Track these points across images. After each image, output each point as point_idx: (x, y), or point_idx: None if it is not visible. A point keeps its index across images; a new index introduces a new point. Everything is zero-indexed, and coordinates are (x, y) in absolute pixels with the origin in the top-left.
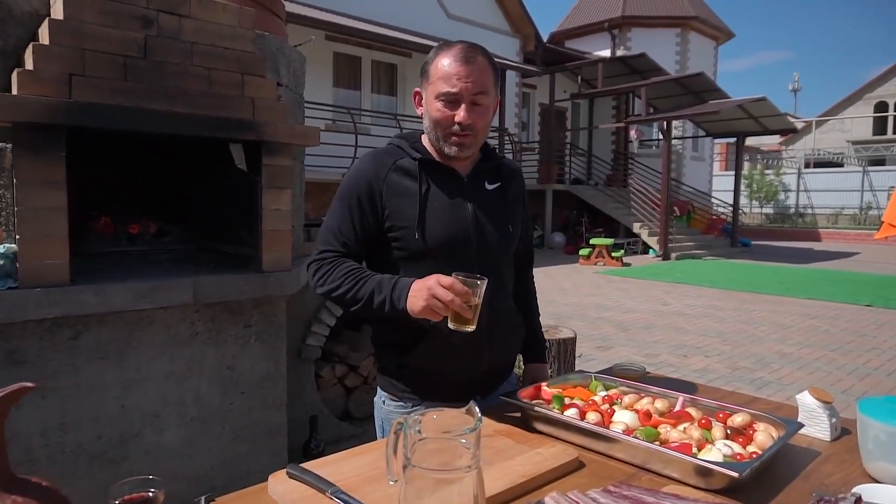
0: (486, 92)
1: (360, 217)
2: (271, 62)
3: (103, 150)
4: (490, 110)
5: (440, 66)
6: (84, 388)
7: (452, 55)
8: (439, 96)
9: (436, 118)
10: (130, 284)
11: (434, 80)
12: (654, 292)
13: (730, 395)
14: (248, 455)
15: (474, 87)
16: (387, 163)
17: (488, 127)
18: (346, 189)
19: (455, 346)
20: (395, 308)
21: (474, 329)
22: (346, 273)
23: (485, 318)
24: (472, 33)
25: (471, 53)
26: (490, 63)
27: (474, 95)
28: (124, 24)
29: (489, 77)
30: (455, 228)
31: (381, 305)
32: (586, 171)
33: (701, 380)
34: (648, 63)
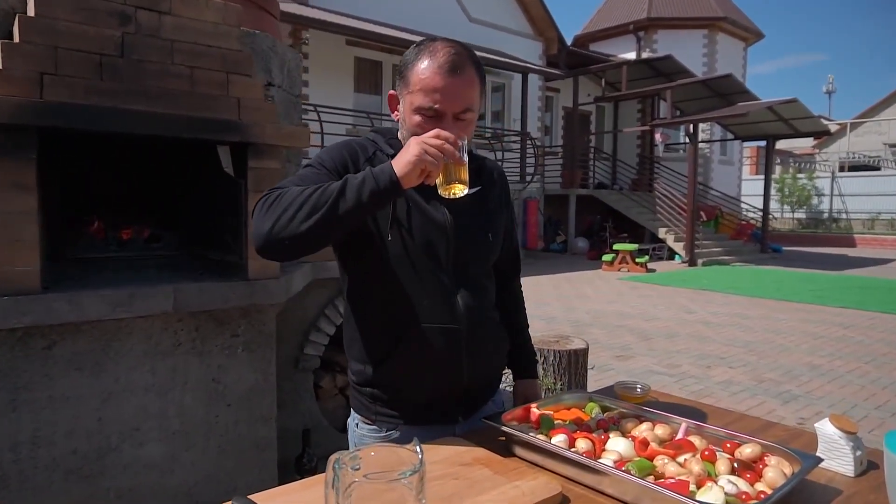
0: (472, 107)
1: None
2: (262, 61)
3: (100, 152)
4: (474, 122)
5: (421, 75)
6: (58, 400)
7: (436, 63)
8: (419, 110)
9: (413, 131)
10: (106, 292)
11: (414, 89)
12: (679, 299)
13: (741, 418)
14: (235, 470)
15: (459, 105)
16: (364, 152)
17: (472, 136)
18: (318, 159)
19: (431, 359)
20: (378, 181)
21: (466, 192)
22: (303, 188)
23: (463, 329)
24: (495, 37)
25: (457, 62)
26: (477, 71)
27: (459, 113)
28: (100, 22)
29: (475, 89)
30: (429, 233)
31: (360, 189)
32: (611, 175)
33: (724, 392)
34: (674, 65)
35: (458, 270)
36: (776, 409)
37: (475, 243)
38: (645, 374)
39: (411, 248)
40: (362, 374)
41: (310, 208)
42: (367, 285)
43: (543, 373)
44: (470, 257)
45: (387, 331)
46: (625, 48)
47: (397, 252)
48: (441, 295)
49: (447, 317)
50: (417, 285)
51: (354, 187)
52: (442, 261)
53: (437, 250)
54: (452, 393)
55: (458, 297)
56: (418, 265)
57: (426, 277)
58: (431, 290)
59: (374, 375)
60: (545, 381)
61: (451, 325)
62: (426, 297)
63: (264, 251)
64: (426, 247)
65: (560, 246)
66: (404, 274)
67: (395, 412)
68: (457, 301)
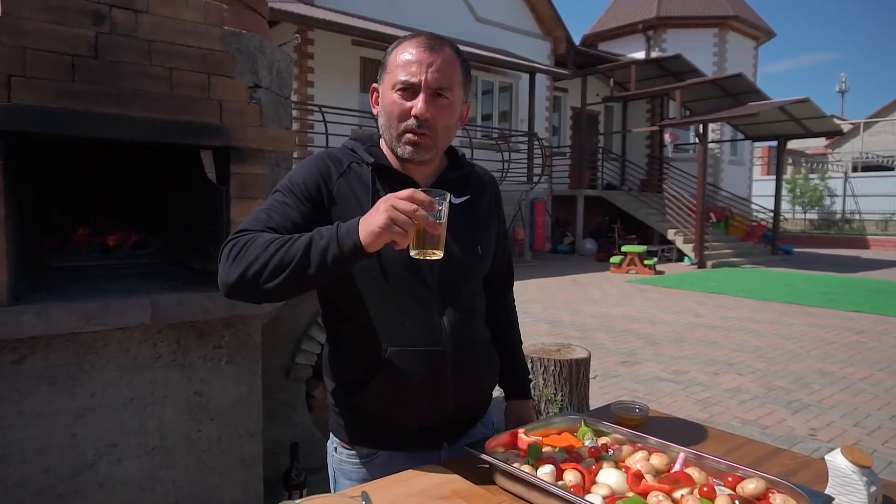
0: (451, 87)
1: (299, 211)
2: (249, 62)
3: (86, 156)
4: (455, 110)
5: (400, 56)
6: (29, 416)
7: (415, 43)
8: (396, 85)
9: (389, 111)
10: (78, 304)
11: (392, 69)
12: (687, 302)
13: (746, 444)
14: (219, 487)
15: (437, 79)
16: (339, 166)
17: (451, 131)
18: (287, 182)
19: (413, 384)
20: (342, 246)
21: (442, 256)
22: (269, 241)
23: (449, 352)
24: (502, 36)
25: (436, 42)
26: (459, 58)
27: (437, 89)
28: (72, 21)
29: (456, 72)
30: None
31: (323, 253)
32: (620, 176)
33: (732, 400)
34: (684, 64)
35: (444, 288)
36: (786, 419)
37: (463, 258)
38: (651, 381)
39: (393, 265)
40: (340, 397)
41: (273, 267)
42: (346, 305)
43: (543, 383)
44: (457, 273)
45: (366, 353)
46: (634, 48)
47: (377, 269)
48: (425, 315)
49: (431, 338)
50: (399, 305)
51: (319, 251)
52: (426, 278)
53: (421, 268)
54: (436, 419)
55: (444, 317)
56: (400, 284)
57: (408, 296)
58: (414, 310)
59: (352, 399)
60: (545, 392)
61: (436, 347)
62: (408, 318)
63: (232, 298)
64: (409, 265)
65: (568, 247)
66: (385, 293)
67: (374, 437)
68: (442, 321)
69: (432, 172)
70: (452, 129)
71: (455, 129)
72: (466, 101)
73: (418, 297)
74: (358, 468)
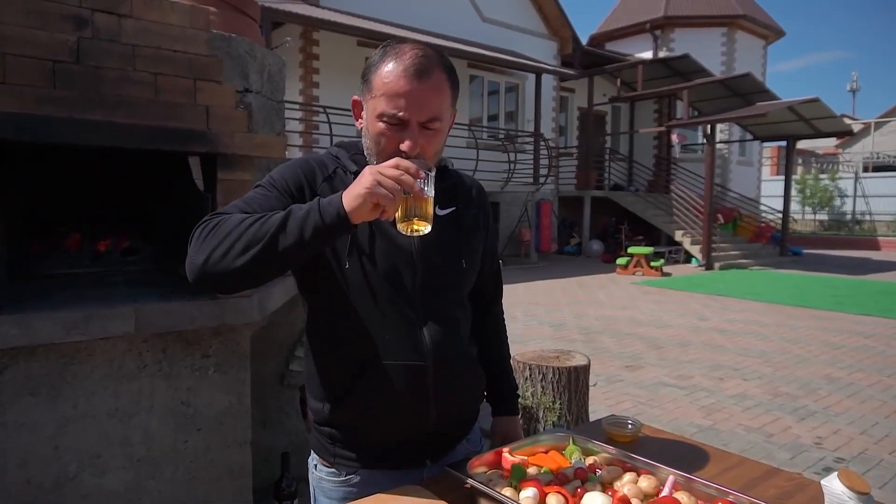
0: (440, 116)
1: (281, 204)
2: (239, 66)
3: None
4: (444, 132)
5: (385, 78)
6: (10, 427)
7: (402, 66)
8: (381, 116)
9: (376, 140)
10: (60, 314)
11: (377, 94)
12: (693, 305)
13: (741, 463)
14: (207, 498)
15: (425, 114)
16: (324, 170)
17: (441, 148)
18: (269, 179)
19: (393, 399)
20: (323, 215)
21: (429, 231)
22: (242, 218)
23: (430, 366)
24: (507, 36)
25: (424, 65)
26: (448, 76)
27: (426, 122)
28: (53, 26)
29: (445, 96)
30: (394, 259)
31: (302, 224)
32: (627, 177)
33: (737, 407)
34: (692, 64)
35: (426, 301)
36: (791, 427)
37: (446, 271)
38: (654, 386)
39: (372, 277)
40: (320, 412)
41: (246, 242)
42: (324, 317)
43: (542, 390)
44: (439, 286)
45: (345, 367)
46: (641, 47)
47: (356, 281)
48: (405, 328)
49: (411, 353)
50: (379, 318)
51: (297, 221)
52: (407, 291)
53: (402, 279)
54: (418, 435)
55: (425, 330)
56: (380, 296)
57: (388, 309)
58: (394, 324)
59: (331, 415)
60: (543, 400)
61: (417, 361)
62: (388, 331)
63: (198, 284)
64: (389, 275)
65: (575, 248)
66: (364, 305)
67: (354, 454)
68: (423, 335)
69: None
70: (443, 144)
71: (445, 141)
72: (454, 109)
73: (399, 310)
74: (337, 487)
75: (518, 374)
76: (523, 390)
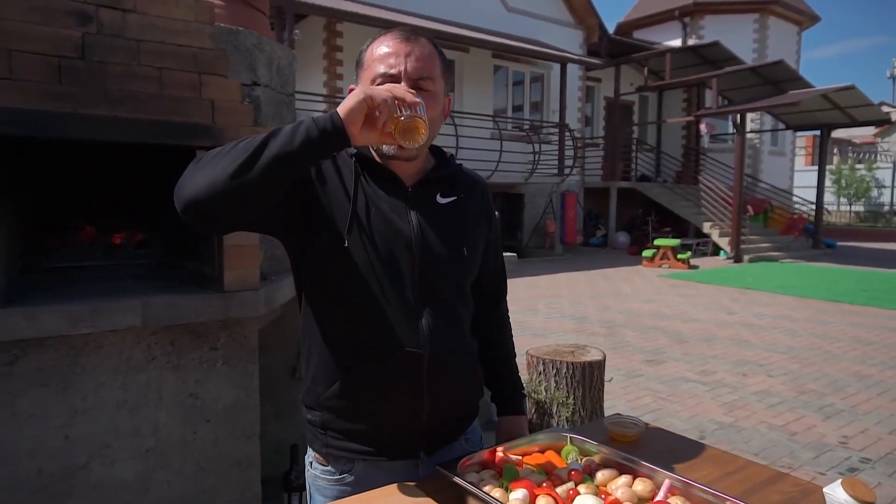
0: (432, 77)
1: None
2: (246, 59)
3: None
4: (438, 100)
5: (377, 50)
6: (21, 417)
7: (391, 36)
8: (375, 80)
9: None
10: (67, 307)
11: (369, 64)
12: (720, 299)
13: (746, 466)
14: (214, 489)
15: (417, 68)
16: None
17: (436, 124)
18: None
19: (387, 385)
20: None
21: (424, 141)
22: (231, 145)
23: (426, 354)
24: (533, 26)
25: (411, 34)
26: (437, 51)
27: (418, 79)
28: (57, 21)
29: (435, 62)
30: (392, 245)
31: (293, 132)
32: (654, 167)
33: (760, 404)
34: (722, 52)
35: (425, 288)
36: (816, 426)
37: (445, 258)
38: (676, 382)
39: (371, 259)
40: (313, 394)
41: (234, 155)
42: (320, 298)
43: (555, 385)
44: (438, 274)
45: (340, 351)
46: (670, 35)
47: (354, 262)
48: (402, 314)
49: (408, 339)
50: (376, 301)
51: (289, 129)
52: (405, 276)
53: (401, 264)
54: (411, 425)
55: (423, 318)
56: (378, 279)
57: (387, 293)
58: (392, 309)
59: (324, 398)
60: (557, 395)
61: (412, 348)
62: (385, 316)
63: (185, 212)
64: (388, 259)
65: (600, 240)
66: (361, 287)
67: (345, 443)
68: (420, 323)
69: (418, 171)
70: (437, 122)
71: (440, 123)
72: (448, 94)
73: (397, 295)
74: (331, 485)
75: (532, 369)
76: (536, 385)
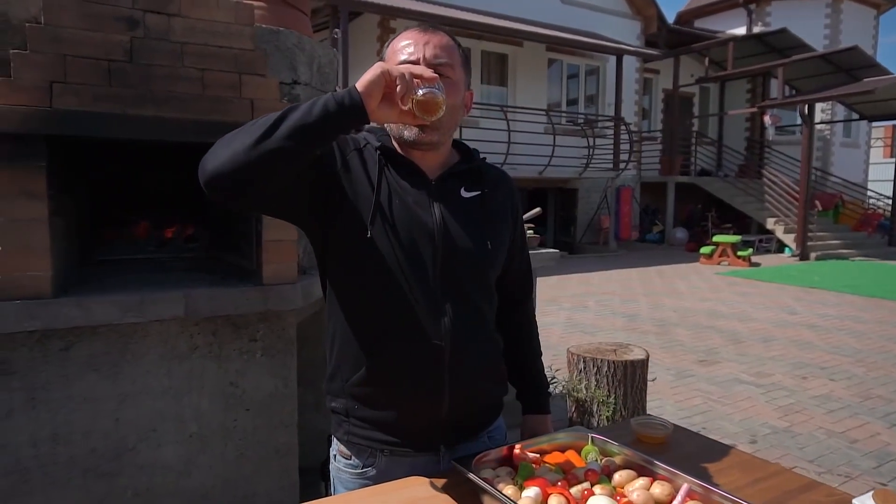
0: (451, 65)
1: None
2: (287, 59)
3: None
4: (458, 89)
5: (397, 44)
6: (76, 400)
7: (411, 30)
8: None
9: None
10: (116, 297)
11: (390, 56)
12: (782, 298)
13: (778, 474)
14: (254, 475)
15: (436, 54)
16: (355, 142)
17: (456, 112)
18: None
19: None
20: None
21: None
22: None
23: (447, 348)
24: (589, 18)
25: (430, 27)
26: (456, 44)
27: (437, 65)
28: (107, 27)
29: (455, 54)
30: (415, 236)
31: (310, 106)
32: (716, 161)
33: (819, 409)
34: (790, 39)
35: (447, 280)
36: (880, 433)
37: (468, 251)
38: (729, 383)
39: (394, 249)
40: (337, 382)
41: (253, 129)
42: (344, 286)
43: (596, 384)
44: (461, 266)
45: (362, 339)
46: (734, 23)
47: (377, 252)
48: (425, 305)
49: (429, 332)
50: (398, 292)
51: (307, 104)
52: (427, 268)
53: (423, 255)
54: (431, 417)
55: (445, 310)
56: (401, 270)
57: (409, 284)
58: (414, 299)
59: (347, 385)
60: (597, 394)
61: (434, 341)
62: (406, 307)
63: (207, 185)
64: (410, 250)
65: (657, 236)
66: (384, 278)
67: (369, 431)
68: (442, 315)
69: (442, 164)
70: (457, 112)
71: (460, 113)
72: (469, 89)
73: (420, 286)
74: (353, 479)
75: (572, 367)
76: (576, 383)
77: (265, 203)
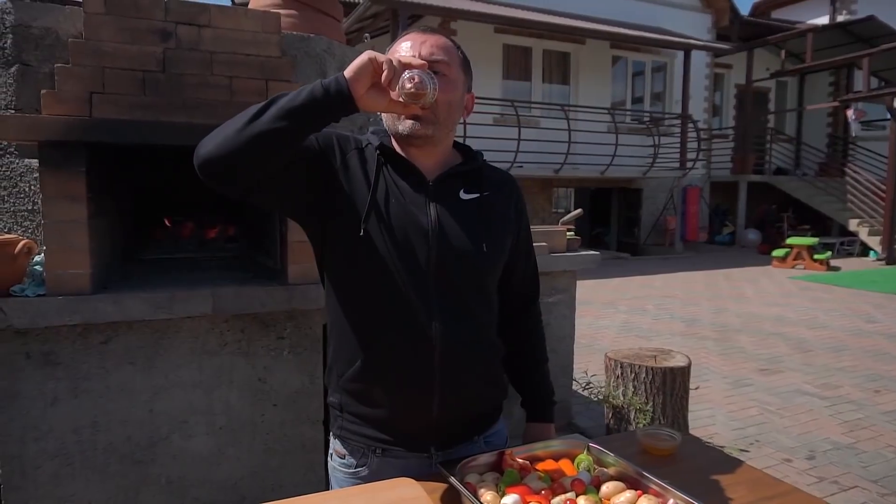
0: (448, 63)
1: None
2: (317, 64)
3: None
4: (456, 87)
5: (397, 46)
6: (114, 390)
7: (411, 33)
8: None
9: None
10: (148, 294)
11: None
12: (861, 305)
13: (790, 494)
14: (281, 469)
15: (432, 52)
16: (355, 143)
17: (454, 111)
18: None
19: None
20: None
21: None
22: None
23: (438, 349)
24: (657, 12)
25: (429, 29)
26: (455, 46)
27: (432, 61)
28: (142, 40)
29: (452, 53)
30: (409, 236)
31: (297, 93)
32: (794, 159)
33: (890, 426)
34: (878, 28)
35: (441, 281)
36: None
37: (463, 253)
38: (790, 394)
39: (388, 248)
40: (333, 376)
41: (243, 116)
42: (339, 283)
43: (634, 391)
44: (455, 268)
45: (356, 335)
46: (815, 13)
47: (371, 250)
48: (418, 306)
49: (421, 331)
50: (391, 291)
51: (296, 91)
52: (421, 268)
53: (417, 255)
54: (422, 417)
55: (437, 312)
56: (394, 269)
57: (402, 283)
58: (406, 299)
59: (342, 381)
60: (634, 401)
61: (425, 340)
62: (400, 305)
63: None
64: (404, 249)
65: (728, 238)
66: (377, 276)
67: (361, 427)
68: (433, 317)
69: (441, 164)
70: (455, 109)
71: (459, 112)
72: (469, 91)
73: (413, 286)
74: (347, 477)
75: (609, 372)
76: (612, 389)
77: (261, 193)
